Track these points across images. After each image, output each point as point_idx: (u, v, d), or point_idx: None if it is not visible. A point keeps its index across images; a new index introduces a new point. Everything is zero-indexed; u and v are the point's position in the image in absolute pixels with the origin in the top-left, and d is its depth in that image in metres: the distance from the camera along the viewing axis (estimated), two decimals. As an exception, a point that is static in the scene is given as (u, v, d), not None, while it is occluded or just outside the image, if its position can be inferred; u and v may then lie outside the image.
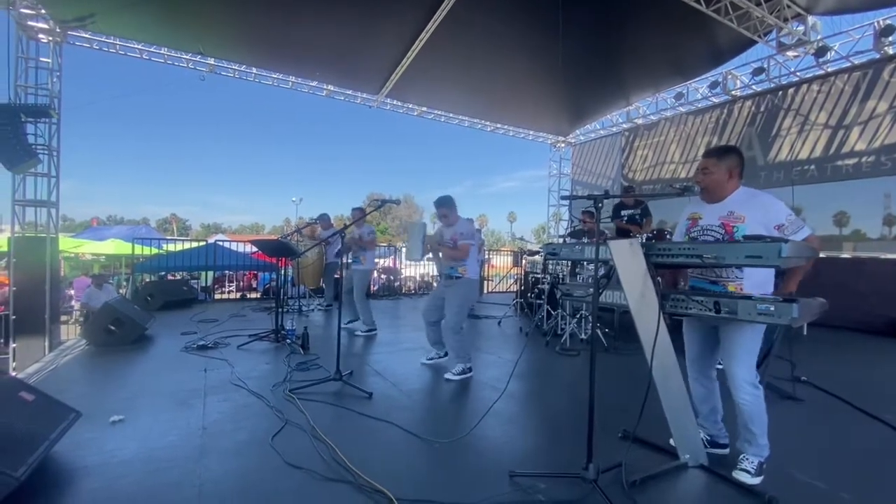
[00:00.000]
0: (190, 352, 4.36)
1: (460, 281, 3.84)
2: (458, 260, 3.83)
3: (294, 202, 44.17)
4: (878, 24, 7.38)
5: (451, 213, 3.96)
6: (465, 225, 3.96)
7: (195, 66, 9.13)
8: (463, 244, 3.82)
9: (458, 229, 3.90)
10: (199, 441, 2.42)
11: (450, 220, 3.98)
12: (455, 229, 3.92)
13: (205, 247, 9.14)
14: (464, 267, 3.83)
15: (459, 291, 3.85)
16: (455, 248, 3.83)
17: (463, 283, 3.85)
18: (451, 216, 3.97)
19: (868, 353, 5.32)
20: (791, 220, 2.06)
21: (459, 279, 3.84)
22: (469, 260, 3.84)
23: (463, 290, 3.86)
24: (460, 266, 3.83)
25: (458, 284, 3.85)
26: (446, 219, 3.97)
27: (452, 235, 3.89)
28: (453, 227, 3.95)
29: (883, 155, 7.51)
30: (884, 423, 2.91)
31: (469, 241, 3.82)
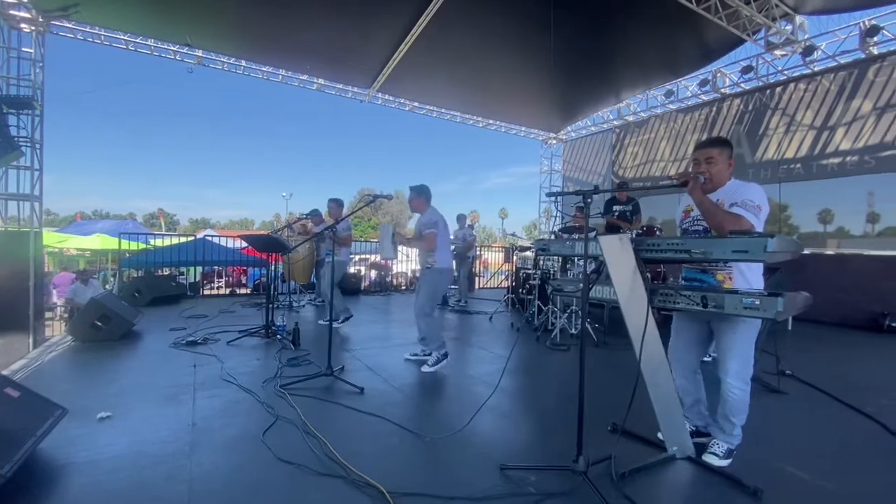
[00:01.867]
0: (179, 348, 4.32)
1: (430, 271, 3.94)
2: (427, 251, 3.91)
3: (284, 197, 43.80)
4: (864, 25, 7.50)
5: (418, 201, 4.01)
6: (429, 214, 3.99)
7: (183, 58, 8.99)
8: (427, 233, 3.88)
9: (421, 220, 4.00)
10: (189, 437, 2.41)
11: (418, 209, 4.05)
12: (421, 218, 4.02)
13: (193, 242, 9.03)
14: (433, 258, 3.91)
15: (429, 280, 3.97)
16: (421, 238, 3.91)
17: (432, 272, 3.94)
18: (419, 205, 4.02)
19: (850, 347, 5.44)
20: (744, 203, 2.08)
21: (429, 269, 3.94)
22: (438, 251, 3.90)
23: (432, 278, 3.96)
24: (430, 257, 3.92)
25: (428, 273, 3.96)
26: (413, 204, 4.05)
27: (419, 226, 4.00)
28: (421, 217, 4.05)
29: (867, 154, 7.66)
30: (865, 415, 2.98)
31: (432, 231, 3.87)
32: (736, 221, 2.03)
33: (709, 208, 2.11)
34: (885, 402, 3.24)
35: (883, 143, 7.45)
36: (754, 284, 2.15)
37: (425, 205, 4.03)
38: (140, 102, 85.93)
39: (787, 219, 8.89)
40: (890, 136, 7.37)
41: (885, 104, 7.44)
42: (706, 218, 2.15)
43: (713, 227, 2.11)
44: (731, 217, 2.05)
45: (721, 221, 2.04)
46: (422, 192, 4.03)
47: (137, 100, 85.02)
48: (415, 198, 4.04)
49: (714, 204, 2.12)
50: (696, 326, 2.38)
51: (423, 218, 3.98)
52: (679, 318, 2.43)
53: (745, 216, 2.05)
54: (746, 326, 2.14)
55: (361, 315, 6.47)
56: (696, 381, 2.44)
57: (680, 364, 2.41)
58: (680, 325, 2.43)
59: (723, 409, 2.20)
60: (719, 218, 2.06)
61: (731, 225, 2.01)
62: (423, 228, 3.91)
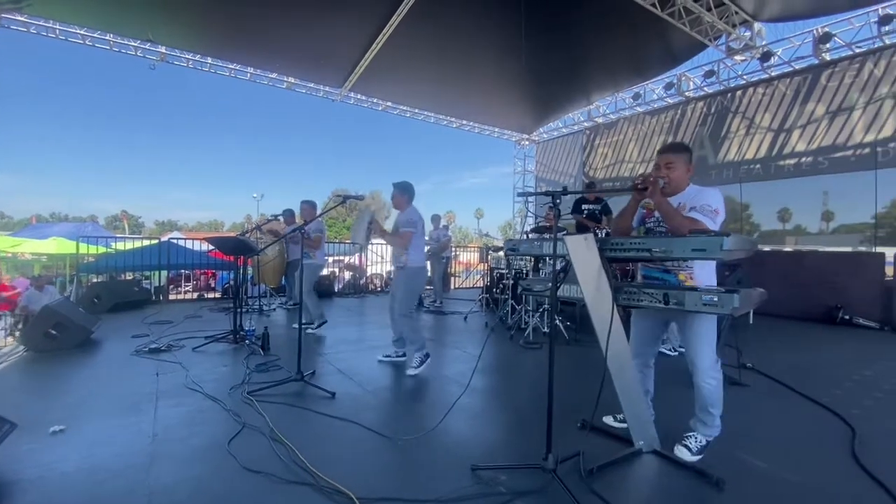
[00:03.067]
0: (141, 355, 4.15)
1: (403, 270, 3.90)
2: (400, 247, 3.88)
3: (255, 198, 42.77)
4: (817, 32, 7.89)
5: (400, 198, 3.97)
6: (409, 213, 3.95)
7: (145, 54, 8.67)
8: (404, 231, 3.85)
9: (400, 217, 3.95)
10: (150, 448, 2.31)
11: (399, 206, 4.00)
12: (400, 216, 3.97)
13: (158, 245, 8.70)
14: (405, 256, 3.87)
15: (403, 279, 3.92)
16: (398, 234, 3.86)
17: (406, 271, 3.90)
18: (401, 202, 3.98)
19: (807, 340, 5.70)
20: (701, 206, 2.17)
21: (402, 268, 3.90)
22: (412, 249, 3.87)
23: (407, 277, 3.91)
24: (402, 255, 3.88)
25: (402, 273, 3.92)
26: (395, 201, 4.00)
27: (398, 223, 3.96)
28: (400, 215, 4.01)
29: (821, 155, 8.06)
30: (821, 405, 3.13)
31: (410, 230, 3.84)
32: (693, 225, 2.11)
33: (668, 211, 2.18)
34: (839, 393, 3.41)
35: (835, 144, 7.86)
36: (708, 282, 2.23)
37: (407, 203, 3.99)
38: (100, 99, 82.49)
39: (748, 217, 9.27)
40: (842, 138, 7.78)
41: (836, 108, 7.85)
42: (665, 220, 2.23)
43: (672, 230, 2.18)
44: (689, 221, 2.13)
45: (679, 225, 2.12)
46: (405, 189, 3.99)
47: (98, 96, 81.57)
48: (397, 195, 3.99)
49: (673, 207, 2.20)
50: (654, 324, 2.47)
51: (403, 216, 3.93)
52: (637, 315, 2.50)
53: (703, 220, 2.13)
54: (707, 320, 2.21)
55: (335, 318, 6.37)
56: (648, 374, 2.56)
57: (639, 359, 2.48)
58: (638, 323, 2.50)
59: (702, 402, 2.27)
60: (678, 221, 2.14)
61: (689, 226, 2.09)
62: (402, 226, 3.87)
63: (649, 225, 2.44)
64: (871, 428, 2.72)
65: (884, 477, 2.09)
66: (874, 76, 7.39)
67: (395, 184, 4.02)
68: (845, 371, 4.07)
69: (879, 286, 6.59)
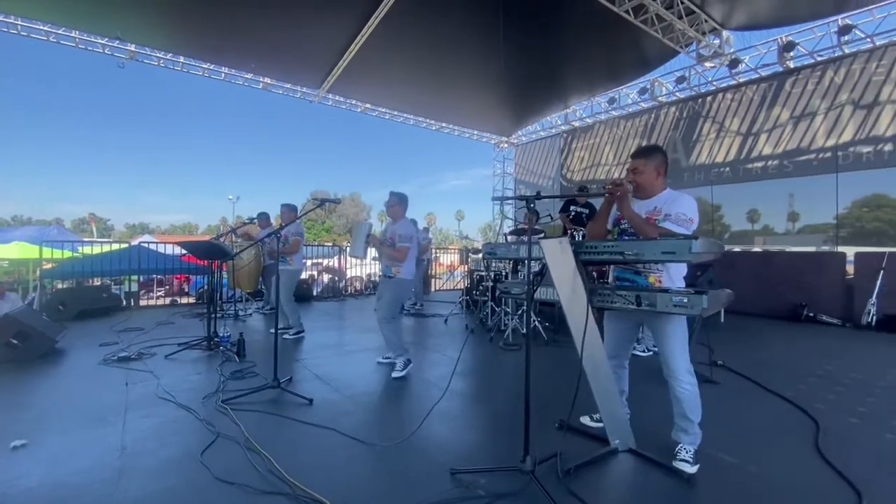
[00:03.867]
0: (109, 364, 4.00)
1: (393, 280, 3.98)
2: (396, 261, 3.94)
3: (231, 200, 42.00)
4: (781, 41, 8.21)
5: (398, 207, 4.05)
6: (406, 226, 4.02)
7: (113, 52, 8.39)
8: (402, 247, 3.92)
9: (397, 229, 3.99)
10: (118, 462, 2.23)
11: (395, 215, 4.08)
12: (395, 228, 4.01)
13: (128, 249, 8.42)
14: (398, 268, 3.95)
15: (391, 289, 4.01)
16: (395, 248, 3.92)
17: (395, 282, 3.98)
18: (397, 212, 4.06)
19: (774, 336, 5.90)
20: (675, 215, 2.21)
21: (391, 279, 3.97)
22: (406, 262, 3.95)
23: (395, 288, 4.01)
24: (395, 266, 3.95)
25: (391, 283, 3.99)
26: (393, 210, 4.06)
27: (391, 234, 3.99)
28: (396, 225, 4.05)
29: (786, 159, 8.39)
30: (787, 400, 3.25)
31: (407, 245, 3.93)
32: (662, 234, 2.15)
33: (636, 222, 2.24)
34: (804, 388, 3.55)
35: (799, 148, 8.19)
36: (677, 284, 2.29)
37: (402, 213, 4.07)
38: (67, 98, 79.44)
39: (720, 218, 9.56)
40: (805, 142, 8.11)
41: (800, 113, 8.18)
42: (636, 229, 2.26)
43: (641, 236, 2.22)
44: (659, 231, 2.17)
45: (648, 234, 2.17)
46: (404, 200, 4.09)
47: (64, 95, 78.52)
48: (396, 203, 4.06)
49: (640, 218, 2.25)
50: (627, 325, 2.51)
51: (401, 229, 3.98)
52: (611, 317, 2.54)
53: (677, 230, 2.16)
54: (678, 322, 2.26)
55: (313, 322, 6.29)
56: (623, 374, 2.60)
57: (613, 360, 2.51)
58: (611, 324, 2.54)
59: (680, 409, 2.26)
60: (648, 232, 2.18)
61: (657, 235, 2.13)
62: (399, 241, 3.93)
63: (623, 226, 2.48)
64: (834, 421, 2.84)
65: (845, 468, 2.19)
66: (834, 83, 7.73)
67: (395, 193, 4.08)
68: (809, 367, 4.24)
69: (841, 284, 6.89)
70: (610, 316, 2.53)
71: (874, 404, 3.20)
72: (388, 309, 3.97)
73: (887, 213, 9.10)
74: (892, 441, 2.59)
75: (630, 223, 2.29)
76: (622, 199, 2.26)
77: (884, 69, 7.16)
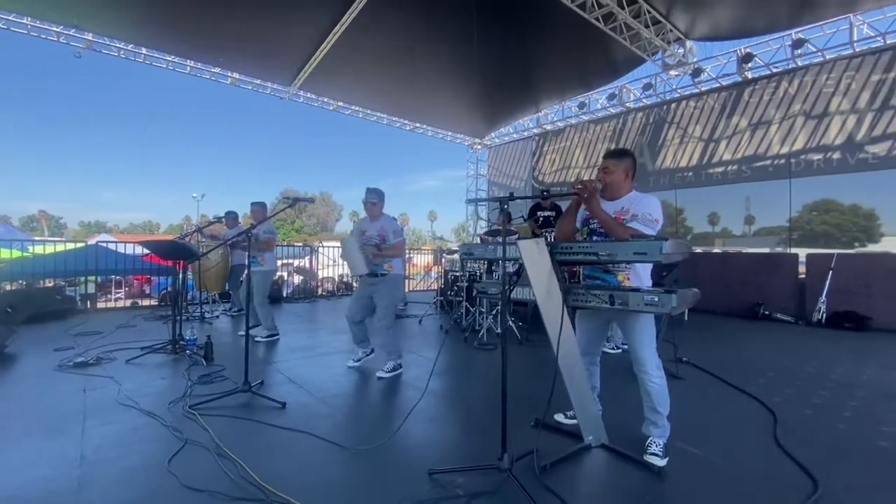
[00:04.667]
0: (65, 370, 3.78)
1: (387, 278, 3.85)
2: (395, 256, 3.85)
3: (195, 198, 40.53)
4: (740, 52, 8.63)
5: (380, 205, 3.94)
6: (392, 222, 3.95)
7: (69, 41, 7.95)
8: (398, 241, 3.85)
9: (385, 225, 3.89)
10: (77, 472, 2.11)
11: (376, 213, 3.95)
12: (381, 224, 3.90)
13: (85, 249, 7.99)
14: (389, 264, 3.84)
15: (388, 289, 3.87)
16: (392, 245, 3.83)
17: (390, 279, 3.86)
18: (378, 210, 3.95)
19: (734, 334, 6.19)
20: (643, 216, 2.30)
21: (385, 276, 3.84)
22: (401, 256, 3.91)
23: (391, 287, 3.90)
24: (386, 263, 3.83)
25: (385, 282, 3.85)
26: (374, 206, 3.92)
27: (379, 231, 3.87)
28: (378, 223, 3.92)
29: (744, 164, 8.81)
30: (748, 394, 3.41)
31: (402, 238, 3.87)
32: (630, 234, 2.23)
33: (604, 219, 2.31)
34: (763, 382, 3.74)
35: (756, 155, 8.62)
36: (645, 283, 2.37)
37: (382, 210, 3.98)
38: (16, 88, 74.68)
39: (683, 221, 9.95)
40: (762, 149, 8.54)
41: (757, 122, 8.62)
42: (604, 228, 2.34)
43: (610, 235, 2.30)
44: (628, 231, 2.25)
45: (616, 232, 2.25)
46: (382, 196, 3.97)
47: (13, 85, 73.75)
48: (378, 201, 3.93)
49: (608, 215, 2.32)
50: (598, 324, 2.58)
51: (389, 224, 3.89)
52: (582, 315, 2.60)
53: (643, 230, 2.26)
54: (647, 319, 2.34)
55: (285, 325, 6.13)
56: (595, 371, 2.67)
57: (585, 357, 2.57)
58: (583, 323, 2.60)
59: (650, 403, 2.35)
60: (617, 231, 2.26)
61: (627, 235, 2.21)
62: (394, 236, 3.83)
63: (592, 226, 2.54)
64: (791, 414, 3.00)
65: (802, 458, 2.32)
66: (788, 94, 8.18)
67: (374, 190, 3.94)
68: (767, 362, 4.47)
69: (794, 284, 7.28)
70: (581, 314, 2.60)
71: (827, 397, 3.40)
72: (388, 312, 3.83)
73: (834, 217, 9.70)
74: (844, 431, 2.76)
75: (599, 222, 2.36)
76: (591, 198, 2.32)
77: (833, 82, 7.64)
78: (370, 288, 3.91)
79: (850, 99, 7.43)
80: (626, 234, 2.22)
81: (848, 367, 4.29)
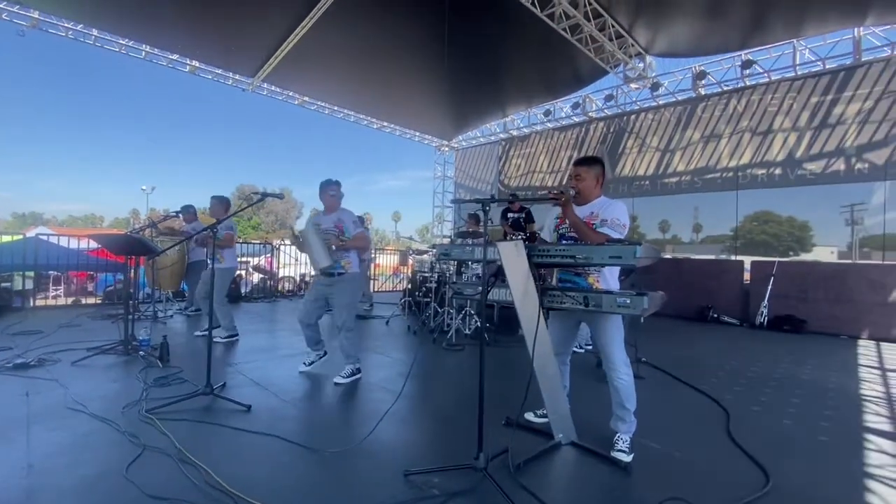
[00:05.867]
0: (2, 372, 3.48)
1: (344, 277, 3.67)
2: (361, 249, 3.73)
3: (144, 191, 38.39)
4: (695, 69, 9.14)
5: (338, 197, 3.77)
6: (351, 214, 3.78)
7: (12, 17, 7.33)
8: (361, 233, 3.72)
9: (342, 217, 3.72)
10: (24, 482, 1.95)
11: (333, 205, 3.77)
12: (338, 216, 3.73)
13: (23, 242, 7.37)
14: (347, 260, 3.68)
15: (347, 288, 3.70)
16: (356, 238, 3.68)
17: (348, 278, 3.70)
18: (336, 202, 3.77)
19: (687, 336, 6.55)
20: (611, 220, 2.41)
21: (343, 275, 3.67)
22: (351, 253, 3.73)
23: (350, 286, 3.75)
24: (343, 260, 3.65)
25: (343, 281, 3.67)
26: (333, 198, 3.75)
27: (336, 223, 3.69)
28: (335, 214, 3.75)
29: (696, 176, 9.33)
30: (701, 392, 3.62)
31: (363, 230, 3.75)
32: (603, 238, 2.33)
33: (577, 224, 2.41)
34: (715, 381, 3.97)
35: (707, 167, 9.15)
36: (613, 285, 2.49)
37: (340, 203, 3.80)
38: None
39: (636, 228, 10.41)
40: (712, 161, 9.07)
41: (708, 135, 9.15)
42: (577, 233, 2.44)
43: (583, 240, 2.39)
44: (599, 235, 2.36)
45: (588, 237, 2.36)
46: (341, 186, 3.80)
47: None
48: (336, 192, 3.74)
49: (582, 221, 2.42)
50: (568, 324, 2.67)
51: (346, 216, 3.72)
52: (553, 316, 2.68)
53: (612, 234, 2.36)
54: (616, 321, 2.45)
55: (245, 325, 5.92)
56: (565, 371, 2.75)
57: (556, 357, 2.64)
58: (554, 323, 2.67)
59: (618, 398, 2.45)
60: (586, 233, 2.37)
61: (599, 239, 2.31)
62: (354, 227, 3.67)
63: (561, 231, 2.63)
64: (741, 410, 3.21)
65: (753, 451, 2.49)
66: (737, 111, 8.74)
67: (334, 182, 3.76)
68: (717, 362, 4.76)
69: (739, 289, 7.79)
70: (553, 315, 2.67)
71: (772, 394, 3.67)
72: (347, 313, 3.66)
73: (772, 228, 10.41)
74: (790, 426, 2.99)
75: (574, 227, 2.45)
76: (567, 204, 2.41)
77: (777, 101, 8.23)
78: (326, 289, 3.70)
79: (792, 118, 8.03)
80: (598, 238, 2.31)
81: (788, 368, 4.63)
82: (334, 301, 3.69)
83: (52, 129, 75.06)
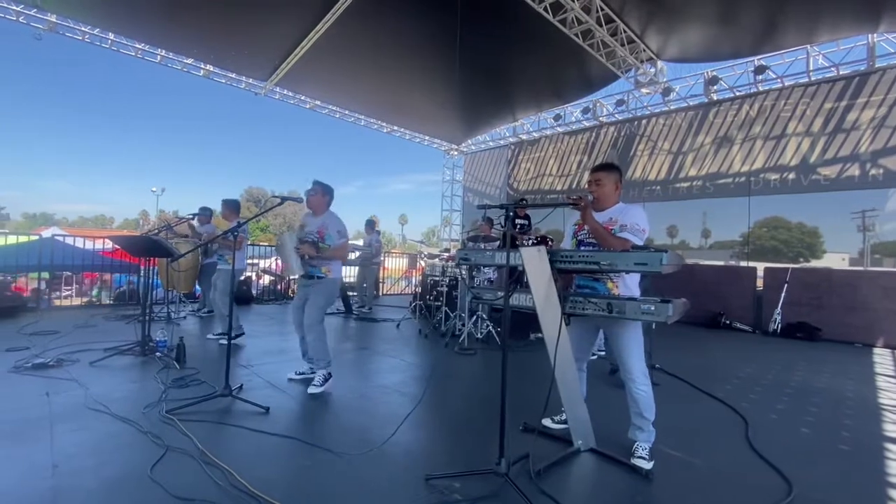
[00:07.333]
0: (22, 372, 3.53)
1: (324, 281, 3.62)
2: (339, 259, 3.67)
3: (155, 192, 38.83)
4: (707, 75, 9.10)
5: (323, 200, 3.70)
6: (337, 220, 3.69)
7: (29, 21, 7.46)
8: (342, 242, 3.65)
9: (328, 223, 3.63)
10: (50, 482, 1.98)
11: (317, 207, 3.72)
12: (322, 221, 3.65)
13: (38, 242, 7.47)
14: (327, 268, 3.63)
15: (323, 291, 3.64)
16: (335, 248, 3.63)
17: (326, 282, 3.64)
18: (320, 203, 3.70)
19: (699, 342, 6.49)
20: (631, 225, 2.40)
21: (322, 279, 3.61)
22: (332, 261, 3.66)
23: (327, 289, 3.67)
24: (324, 265, 3.61)
25: (321, 283, 3.62)
26: (315, 200, 3.69)
27: (319, 228, 3.62)
28: (320, 218, 3.68)
29: (708, 181, 9.27)
30: (717, 399, 3.59)
31: (345, 239, 3.66)
32: (623, 243, 2.33)
33: (597, 230, 2.40)
34: (730, 388, 3.94)
35: (719, 172, 9.09)
36: (634, 291, 2.47)
37: (326, 206, 3.73)
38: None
39: (643, 233, 10.38)
40: (724, 167, 9.02)
41: (720, 141, 9.10)
42: (598, 238, 2.44)
43: (604, 245, 2.39)
44: (619, 240, 2.35)
45: (608, 243, 2.35)
46: (329, 191, 3.74)
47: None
48: (321, 195, 3.68)
49: (602, 227, 2.41)
50: (588, 332, 2.67)
51: (334, 222, 3.64)
52: (574, 322, 2.66)
53: (632, 239, 2.36)
54: (636, 328, 2.43)
55: (256, 327, 5.97)
56: (582, 377, 2.73)
57: (575, 363, 2.64)
58: (574, 329, 2.64)
59: (637, 409, 2.43)
60: (607, 239, 2.36)
61: (620, 244, 2.31)
62: (339, 236, 3.62)
63: (580, 237, 2.63)
64: (759, 418, 3.18)
65: (774, 460, 2.46)
66: (750, 117, 8.69)
67: (319, 182, 3.70)
68: (731, 369, 4.71)
69: (752, 295, 7.72)
70: (574, 321, 2.66)
71: (789, 402, 3.63)
72: (319, 312, 3.59)
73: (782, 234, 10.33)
74: (808, 435, 2.96)
75: (593, 233, 2.44)
76: (587, 209, 2.41)
77: (790, 107, 8.18)
78: (305, 289, 3.67)
79: (805, 123, 7.97)
80: (619, 243, 2.31)
81: (804, 375, 4.58)
82: (309, 300, 3.64)
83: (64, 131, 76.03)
